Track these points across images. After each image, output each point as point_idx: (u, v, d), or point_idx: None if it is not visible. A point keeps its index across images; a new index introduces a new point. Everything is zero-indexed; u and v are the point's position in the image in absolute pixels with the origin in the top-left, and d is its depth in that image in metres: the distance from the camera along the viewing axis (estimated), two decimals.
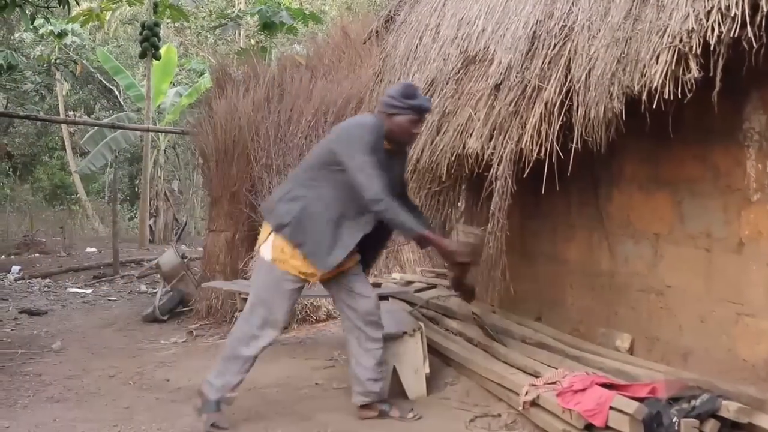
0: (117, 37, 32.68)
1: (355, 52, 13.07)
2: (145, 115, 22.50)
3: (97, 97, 32.48)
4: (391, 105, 6.02)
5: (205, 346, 10.12)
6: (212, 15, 26.97)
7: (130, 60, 30.82)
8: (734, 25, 4.72)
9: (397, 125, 6.02)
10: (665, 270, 6.25)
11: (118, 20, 30.24)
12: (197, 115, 14.18)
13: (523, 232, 7.71)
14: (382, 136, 6.03)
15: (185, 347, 10.15)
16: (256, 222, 12.00)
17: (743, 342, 5.58)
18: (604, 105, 5.50)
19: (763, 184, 5.48)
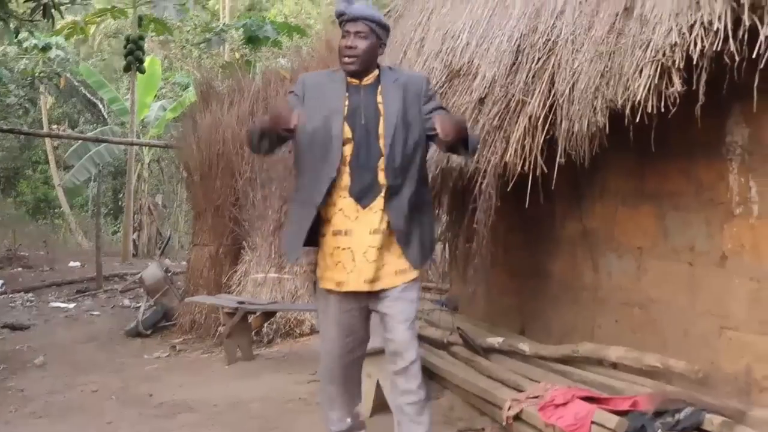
0: (101, 50, 32.62)
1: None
2: (129, 128, 22.46)
3: (81, 111, 32.39)
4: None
5: (189, 360, 10.11)
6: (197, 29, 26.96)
7: (115, 73, 30.77)
8: (717, 40, 4.74)
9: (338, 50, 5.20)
10: (649, 284, 6.26)
11: (102, 34, 30.20)
12: (181, 128, 14.18)
13: (507, 246, 7.71)
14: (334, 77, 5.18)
15: (168, 362, 10.13)
16: (239, 236, 12.00)
17: (726, 355, 5.58)
18: (588, 119, 5.51)
19: (746, 198, 5.49)
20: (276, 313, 10.56)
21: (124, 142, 21.92)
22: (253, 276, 11.42)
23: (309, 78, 5.28)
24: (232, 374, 9.17)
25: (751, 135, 5.47)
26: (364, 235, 5.00)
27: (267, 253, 11.53)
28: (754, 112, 5.15)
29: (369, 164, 4.99)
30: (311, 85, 5.18)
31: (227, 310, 9.97)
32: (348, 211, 5.01)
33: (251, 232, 11.83)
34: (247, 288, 11.37)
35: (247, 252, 11.83)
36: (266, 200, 11.70)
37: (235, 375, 9.07)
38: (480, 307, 7.89)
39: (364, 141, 5.00)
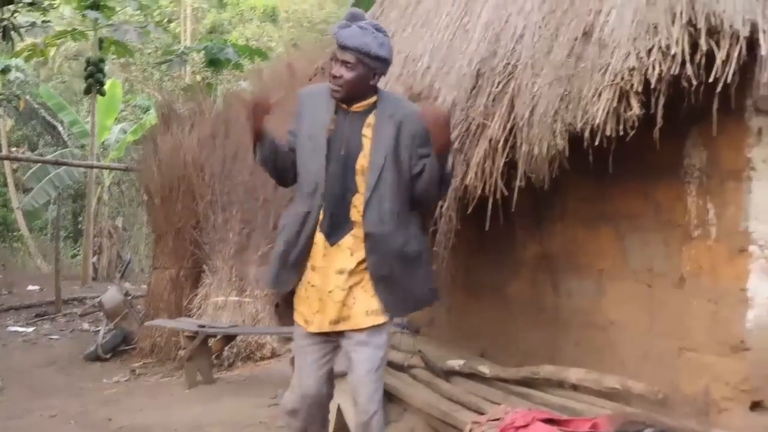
0: (61, 72, 32.48)
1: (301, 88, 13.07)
2: (89, 151, 22.35)
3: (41, 133, 32.18)
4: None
5: (149, 384, 10.05)
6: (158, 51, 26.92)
7: (75, 96, 30.62)
8: (674, 64, 4.79)
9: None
10: (609, 305, 6.29)
11: (62, 56, 30.08)
12: (142, 151, 14.15)
13: (468, 268, 7.73)
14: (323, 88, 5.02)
15: (128, 386, 10.07)
16: (200, 259, 11.96)
17: (685, 376, 5.61)
18: (548, 142, 5.53)
19: (704, 220, 5.54)
20: (237, 336, 10.53)
21: (84, 164, 21.80)
22: (213, 299, 11.39)
23: (306, 94, 5.10)
24: (192, 398, 9.12)
25: (709, 158, 5.52)
26: (331, 274, 4.79)
27: (228, 276, 11.50)
28: (711, 135, 5.21)
29: (342, 199, 4.77)
30: (308, 99, 5.02)
31: (188, 334, 9.93)
32: (319, 246, 4.81)
33: (212, 255, 11.80)
34: (207, 311, 11.34)
35: (207, 275, 11.79)
36: (227, 223, 11.68)
37: (196, 399, 9.02)
38: (441, 330, 7.88)
39: (340, 173, 4.77)
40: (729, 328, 5.38)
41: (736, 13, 4.70)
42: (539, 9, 6.11)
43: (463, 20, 7.00)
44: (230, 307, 11.26)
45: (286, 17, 28.82)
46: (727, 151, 5.40)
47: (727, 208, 5.41)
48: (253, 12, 29.96)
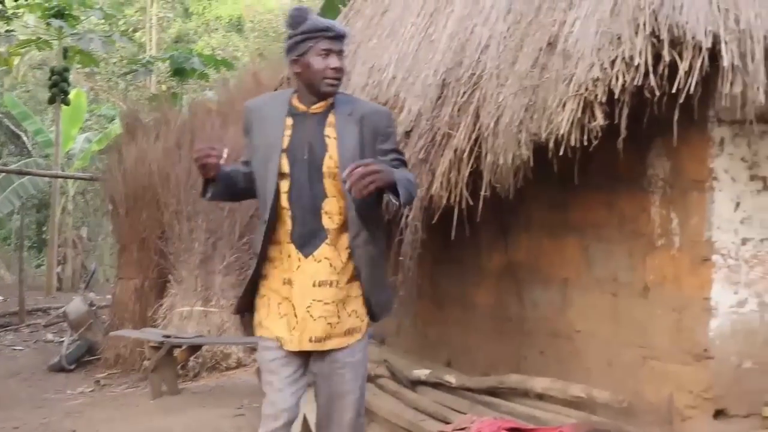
0: (26, 82, 32.27)
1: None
2: (53, 161, 22.20)
3: (5, 143, 31.94)
4: (287, 50, 4.50)
5: (113, 395, 9.99)
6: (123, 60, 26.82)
7: (39, 105, 30.41)
8: (638, 74, 4.82)
9: (304, 69, 4.42)
10: (573, 315, 6.32)
11: (27, 65, 29.89)
12: (107, 161, 14.07)
13: (434, 277, 7.74)
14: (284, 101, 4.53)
15: (92, 397, 10.01)
16: (165, 269, 11.91)
17: (649, 385, 5.65)
18: (513, 152, 5.56)
19: (668, 230, 5.58)
20: (202, 346, 10.49)
21: (49, 174, 21.66)
22: (179, 309, 11.35)
23: (253, 105, 4.63)
24: (157, 409, 9.07)
25: (672, 168, 5.56)
26: (306, 287, 4.38)
27: (193, 286, 11.46)
28: (674, 145, 5.25)
29: (311, 206, 4.37)
30: (256, 112, 4.56)
31: (153, 344, 9.88)
32: (292, 258, 4.40)
33: (177, 265, 11.76)
34: (173, 321, 11.29)
35: (173, 285, 11.75)
36: (192, 233, 11.64)
37: (161, 410, 8.97)
38: (407, 339, 7.90)
39: (305, 178, 4.37)
40: (692, 336, 5.42)
41: (698, 25, 4.74)
42: (504, 20, 6.14)
43: (429, 31, 7.03)
44: (196, 317, 11.21)
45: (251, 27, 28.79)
46: (690, 162, 5.44)
47: (690, 218, 5.45)
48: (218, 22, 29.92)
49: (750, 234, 5.45)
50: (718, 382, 5.34)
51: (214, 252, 11.66)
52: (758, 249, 5.48)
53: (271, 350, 4.49)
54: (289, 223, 4.39)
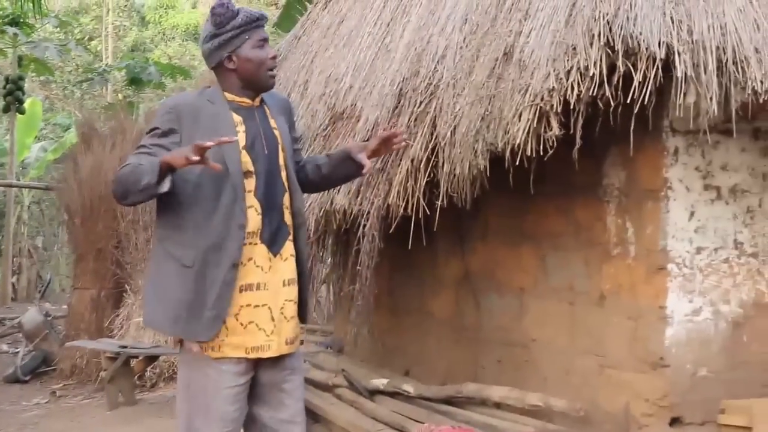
0: None
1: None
2: (8, 170, 22.00)
3: None
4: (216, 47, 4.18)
5: (69, 406, 9.91)
6: (79, 69, 26.63)
7: None
8: (593, 85, 4.86)
9: (243, 63, 4.16)
10: (530, 323, 6.35)
11: None
12: (62, 170, 13.95)
13: (391, 287, 7.75)
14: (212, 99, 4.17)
15: (48, 408, 9.91)
16: (122, 279, 11.83)
17: (605, 393, 5.68)
18: (469, 161, 5.57)
19: (623, 239, 5.62)
20: (159, 356, 10.43)
21: (3, 183, 21.46)
22: (135, 319, 11.26)
23: (180, 103, 4.20)
24: (113, 420, 9.01)
25: (627, 177, 5.61)
26: (279, 287, 4.14)
27: None
28: (630, 155, 5.29)
29: (276, 202, 4.17)
30: (187, 110, 4.11)
31: (109, 355, 9.81)
32: (260, 260, 4.10)
33: (134, 275, 11.68)
34: (129, 332, 11.21)
35: (129, 295, 11.67)
36: (149, 243, 11.56)
37: (117, 421, 8.91)
38: (364, 349, 7.89)
39: (270, 174, 4.16)
40: (648, 345, 5.45)
41: (652, 36, 4.78)
42: (460, 30, 6.16)
43: (385, 40, 7.04)
44: None
45: None
46: (645, 171, 5.49)
47: (645, 227, 5.49)
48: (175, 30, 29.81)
49: (704, 243, 5.51)
50: (674, 390, 5.38)
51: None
52: (712, 258, 5.53)
53: (230, 375, 4.04)
54: (258, 223, 4.10)
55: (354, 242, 6.50)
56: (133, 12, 30.77)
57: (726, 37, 4.91)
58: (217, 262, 4.01)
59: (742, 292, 5.61)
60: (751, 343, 5.61)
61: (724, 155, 5.56)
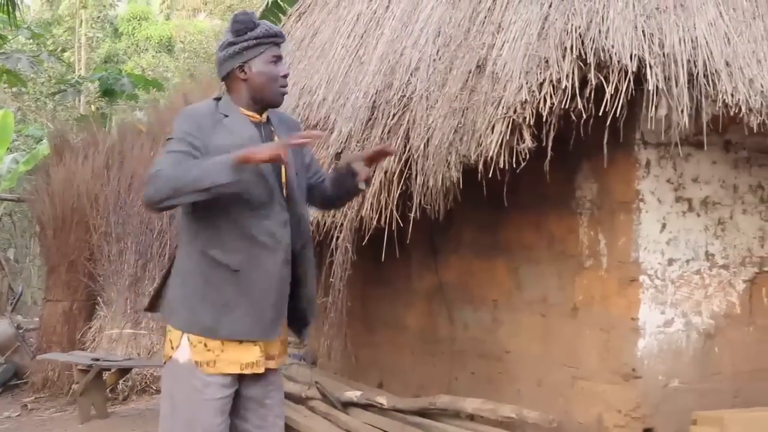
0: None
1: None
2: None
3: None
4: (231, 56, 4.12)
5: (41, 419, 9.85)
6: (51, 80, 26.51)
7: None
8: (565, 97, 4.88)
9: (254, 77, 4.10)
10: (504, 335, 6.35)
11: None
12: (34, 182, 13.89)
13: (365, 299, 7.74)
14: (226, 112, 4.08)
15: (19, 422, 9.85)
16: (94, 291, 11.78)
17: (578, 405, 5.69)
18: (442, 174, 5.59)
19: (596, 251, 5.64)
20: (132, 369, 10.38)
21: None
22: (108, 332, 11.22)
23: (201, 111, 4.10)
24: None
25: (599, 190, 5.63)
26: None
27: (122, 308, 11.34)
28: (602, 167, 5.32)
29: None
30: (206, 120, 4.02)
31: (81, 367, 9.75)
32: None
33: (106, 288, 11.64)
34: (102, 344, 11.16)
35: (102, 307, 11.62)
36: (122, 255, 11.53)
37: None
38: (338, 361, 7.87)
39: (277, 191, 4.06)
40: (620, 356, 5.47)
41: (624, 49, 4.81)
42: (434, 42, 6.18)
43: (359, 53, 7.05)
44: (125, 340, 11.10)
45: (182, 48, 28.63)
46: (617, 183, 5.51)
47: (617, 239, 5.51)
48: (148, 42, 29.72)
49: (676, 255, 5.53)
50: (646, 401, 5.40)
51: (143, 274, 11.55)
52: (684, 269, 5.56)
53: (216, 387, 3.99)
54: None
55: (327, 254, 6.49)
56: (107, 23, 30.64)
57: (697, 50, 4.95)
58: (268, 262, 3.98)
59: (714, 304, 5.64)
60: (723, 355, 5.64)
61: (695, 167, 5.59)
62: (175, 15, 31.98)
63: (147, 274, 11.54)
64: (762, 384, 5.71)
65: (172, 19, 31.53)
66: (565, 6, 5.13)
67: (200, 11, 31.18)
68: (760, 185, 5.78)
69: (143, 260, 11.50)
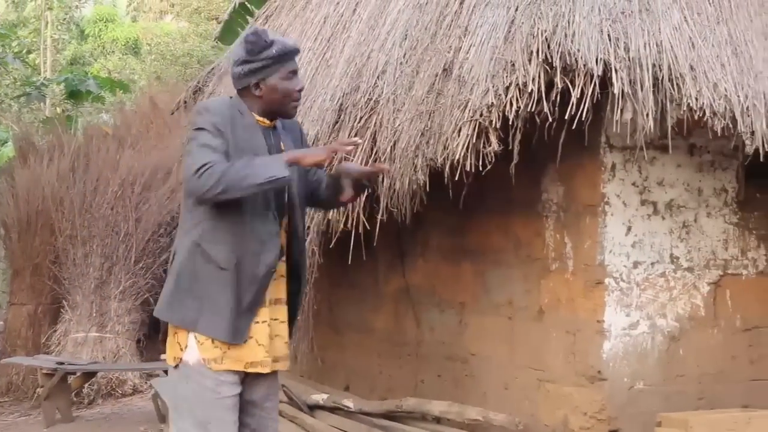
0: None
1: (163, 122, 12.96)
2: None
3: None
4: (246, 74, 4.11)
5: (5, 424, 9.76)
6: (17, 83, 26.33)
7: None
8: (531, 101, 4.91)
9: (270, 92, 4.10)
10: (470, 338, 6.37)
11: None
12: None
13: (331, 302, 7.74)
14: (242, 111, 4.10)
15: None
16: (59, 294, 11.70)
17: (544, 407, 5.71)
18: (409, 177, 5.59)
19: (562, 254, 5.66)
20: (97, 373, 10.33)
21: None
22: (73, 335, 11.14)
23: (221, 107, 4.11)
24: None
25: (565, 193, 5.65)
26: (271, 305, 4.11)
27: (88, 311, 11.27)
28: (567, 171, 5.34)
29: (278, 222, 4.08)
30: (227, 116, 4.05)
31: (46, 371, 9.69)
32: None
33: (72, 291, 11.55)
34: (67, 348, 11.08)
35: (67, 311, 11.54)
36: (87, 258, 11.45)
37: None
38: (305, 364, 7.86)
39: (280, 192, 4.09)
40: (586, 359, 5.50)
41: (589, 53, 4.84)
42: (400, 45, 6.19)
43: (326, 55, 7.04)
44: (90, 343, 11.03)
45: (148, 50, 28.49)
46: (583, 187, 5.54)
47: (583, 241, 5.54)
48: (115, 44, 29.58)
49: (641, 258, 5.56)
50: (612, 403, 5.43)
51: (109, 277, 11.49)
52: (649, 272, 5.59)
53: (228, 385, 3.99)
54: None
55: None
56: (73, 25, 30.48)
57: (662, 54, 4.98)
58: (255, 266, 3.98)
59: (678, 306, 5.68)
60: (687, 357, 5.67)
61: (660, 171, 5.62)
62: (142, 17, 31.81)
63: (113, 277, 11.47)
64: (726, 386, 5.76)
65: (138, 21, 31.37)
66: (531, 10, 5.15)
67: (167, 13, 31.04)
68: (724, 188, 5.82)
69: (109, 263, 11.43)
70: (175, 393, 4.17)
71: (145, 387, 10.65)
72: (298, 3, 8.07)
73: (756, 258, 5.92)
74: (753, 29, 5.47)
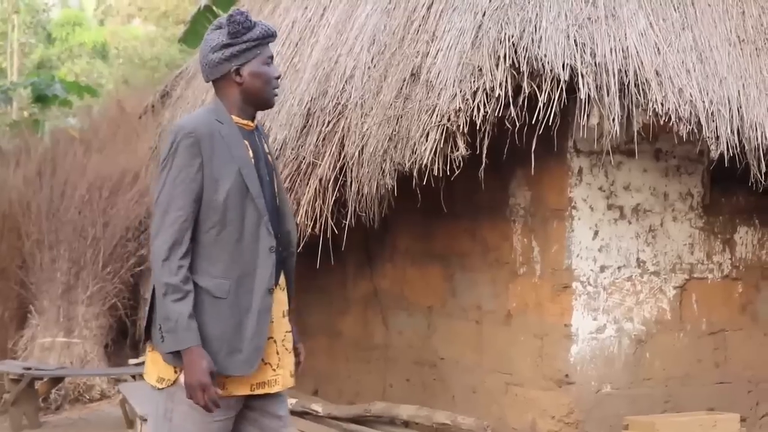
0: None
1: (131, 126, 12.90)
2: None
3: None
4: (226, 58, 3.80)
5: None
6: None
7: None
8: (498, 105, 4.93)
9: (251, 79, 3.81)
10: (438, 342, 6.38)
11: None
12: None
13: (299, 306, 7.70)
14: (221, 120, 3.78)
15: None
16: (26, 299, 11.63)
17: (512, 411, 5.73)
18: (377, 181, 5.60)
19: (529, 258, 5.69)
20: (64, 378, 10.27)
21: None
22: (40, 340, 11.07)
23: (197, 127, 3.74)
24: None
25: (533, 197, 5.68)
26: (280, 318, 3.87)
27: (55, 316, 11.20)
28: (535, 175, 5.36)
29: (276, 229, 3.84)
30: (205, 134, 3.71)
31: (12, 377, 9.62)
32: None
33: (39, 296, 11.49)
34: (34, 353, 11.01)
35: (34, 316, 11.47)
36: (55, 263, 11.39)
37: None
38: None
39: (270, 201, 3.85)
40: (554, 362, 5.52)
41: (556, 58, 4.87)
42: (368, 50, 6.19)
43: (294, 60, 7.04)
44: (58, 349, 10.97)
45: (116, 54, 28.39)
46: (550, 191, 5.57)
47: (550, 246, 5.57)
48: (82, 48, 29.44)
49: (608, 262, 5.60)
50: (579, 406, 5.45)
51: (77, 282, 11.43)
52: (616, 276, 5.62)
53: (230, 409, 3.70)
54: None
55: None
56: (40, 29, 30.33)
57: (628, 60, 5.02)
58: (250, 289, 3.72)
59: (645, 310, 5.71)
60: (654, 360, 5.71)
61: (626, 175, 5.66)
62: (110, 21, 31.68)
63: (80, 282, 11.41)
64: (692, 389, 5.80)
65: (106, 24, 31.23)
66: (498, 15, 5.17)
67: (135, 17, 30.91)
68: (689, 193, 5.86)
69: (76, 268, 11.37)
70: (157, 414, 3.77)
71: (113, 392, 10.60)
72: (266, 7, 8.06)
73: (721, 262, 5.97)
74: (718, 35, 5.52)
